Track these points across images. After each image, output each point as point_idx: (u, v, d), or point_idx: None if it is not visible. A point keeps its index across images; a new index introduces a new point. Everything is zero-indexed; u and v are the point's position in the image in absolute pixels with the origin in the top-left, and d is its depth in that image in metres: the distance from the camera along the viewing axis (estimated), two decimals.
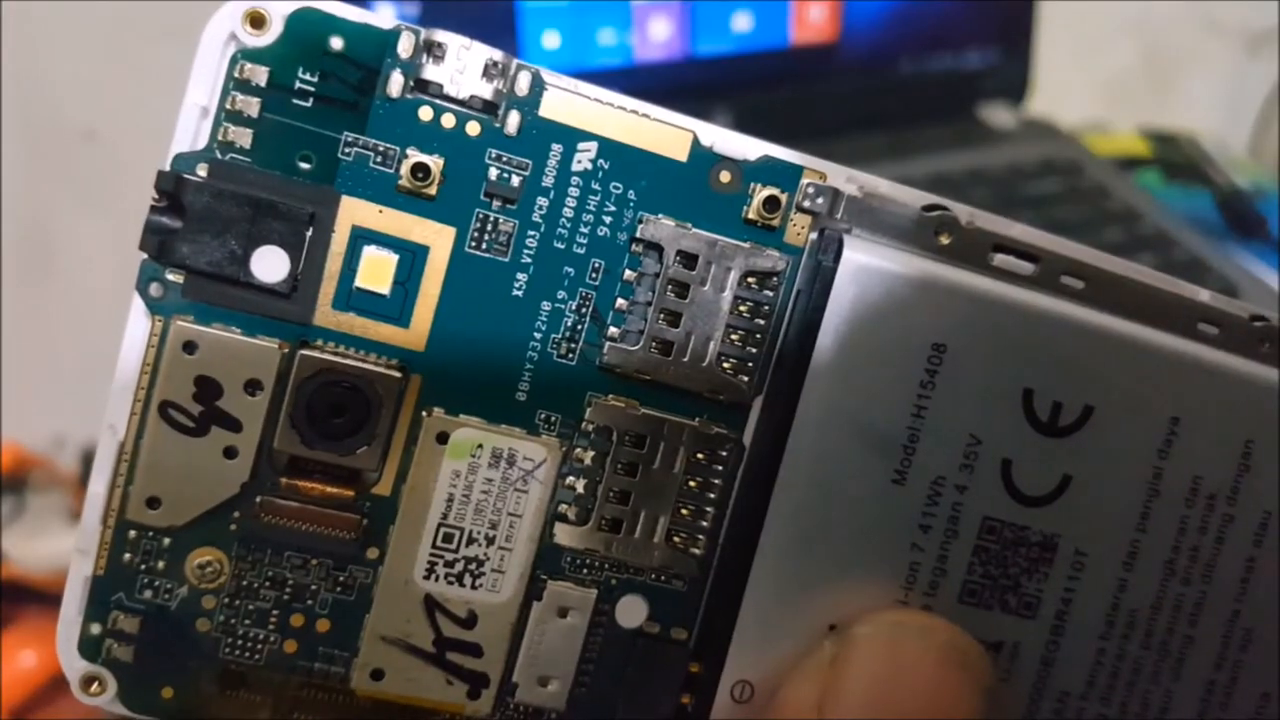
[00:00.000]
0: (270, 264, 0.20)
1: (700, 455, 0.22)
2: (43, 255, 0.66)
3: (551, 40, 0.61)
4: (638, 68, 0.62)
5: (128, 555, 0.21)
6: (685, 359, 0.21)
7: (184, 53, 0.20)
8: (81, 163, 0.65)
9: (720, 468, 0.22)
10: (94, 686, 0.21)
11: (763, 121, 0.62)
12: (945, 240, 0.22)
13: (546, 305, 0.21)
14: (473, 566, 0.21)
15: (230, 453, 0.20)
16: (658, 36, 0.62)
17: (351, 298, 0.21)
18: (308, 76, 0.20)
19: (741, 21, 0.63)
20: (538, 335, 0.21)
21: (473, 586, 0.22)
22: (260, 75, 0.20)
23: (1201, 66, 0.84)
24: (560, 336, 0.21)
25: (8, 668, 0.50)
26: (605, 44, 0.62)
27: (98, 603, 0.21)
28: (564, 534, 0.22)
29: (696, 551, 0.22)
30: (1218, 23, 0.83)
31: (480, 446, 0.21)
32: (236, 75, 0.20)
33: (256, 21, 0.20)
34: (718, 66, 0.64)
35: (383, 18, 0.20)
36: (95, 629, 0.21)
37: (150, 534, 0.21)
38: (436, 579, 0.21)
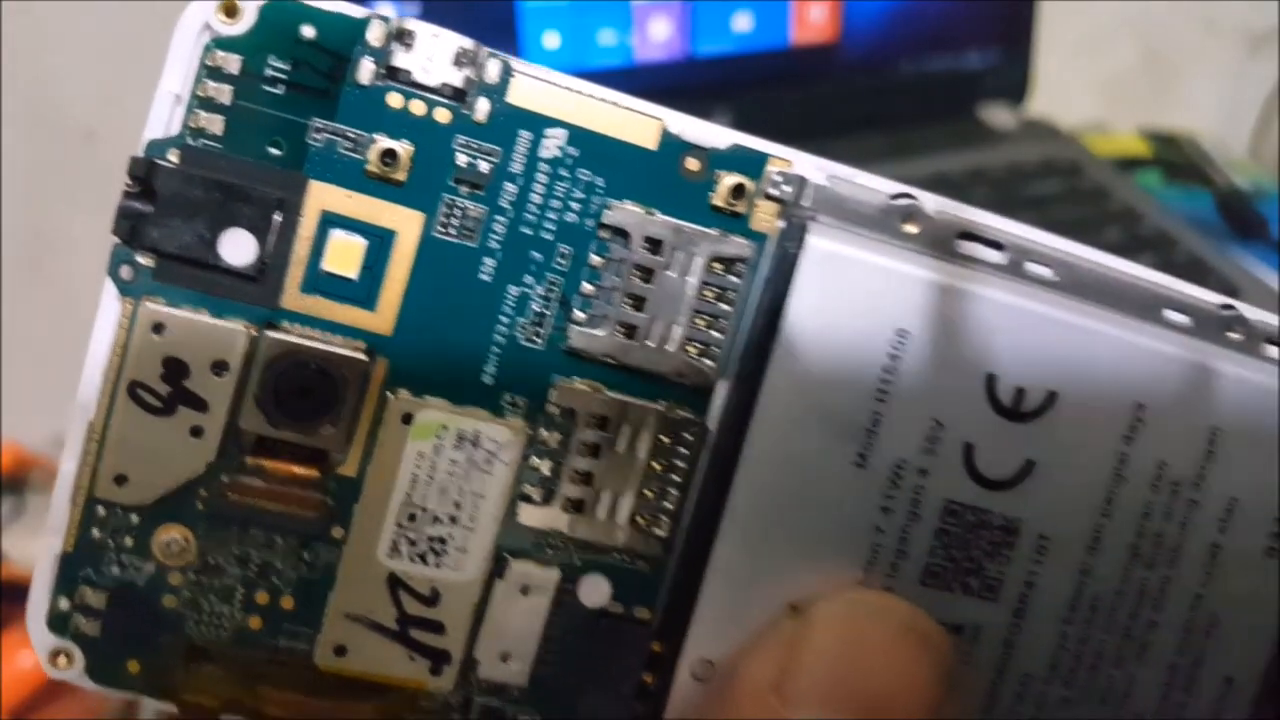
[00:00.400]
0: (238, 247, 0.21)
1: (665, 438, 0.22)
2: (43, 255, 0.67)
3: (551, 40, 0.61)
4: (638, 68, 0.63)
5: (96, 532, 0.21)
6: (650, 343, 0.22)
7: None
8: (81, 163, 0.65)
9: (684, 450, 0.22)
10: (60, 660, 0.21)
11: (763, 122, 0.62)
12: (912, 228, 0.22)
13: (514, 290, 0.21)
14: (436, 545, 0.22)
15: (197, 432, 0.21)
16: (658, 37, 0.62)
17: (319, 281, 0.21)
18: (279, 64, 0.20)
19: (742, 22, 0.63)
20: (504, 319, 0.21)
21: (436, 565, 0.22)
22: (232, 63, 0.20)
23: (1201, 66, 0.84)
24: (527, 321, 0.22)
25: (8, 668, 0.50)
26: (605, 44, 0.62)
27: (66, 578, 0.21)
28: (528, 514, 0.22)
29: (660, 532, 0.22)
30: (1218, 23, 0.83)
31: (445, 428, 0.21)
32: (209, 63, 0.20)
33: (230, 11, 0.20)
34: (718, 67, 0.64)
35: (354, 7, 0.21)
36: (63, 604, 0.21)
37: (118, 511, 0.21)
38: (400, 557, 0.22)
